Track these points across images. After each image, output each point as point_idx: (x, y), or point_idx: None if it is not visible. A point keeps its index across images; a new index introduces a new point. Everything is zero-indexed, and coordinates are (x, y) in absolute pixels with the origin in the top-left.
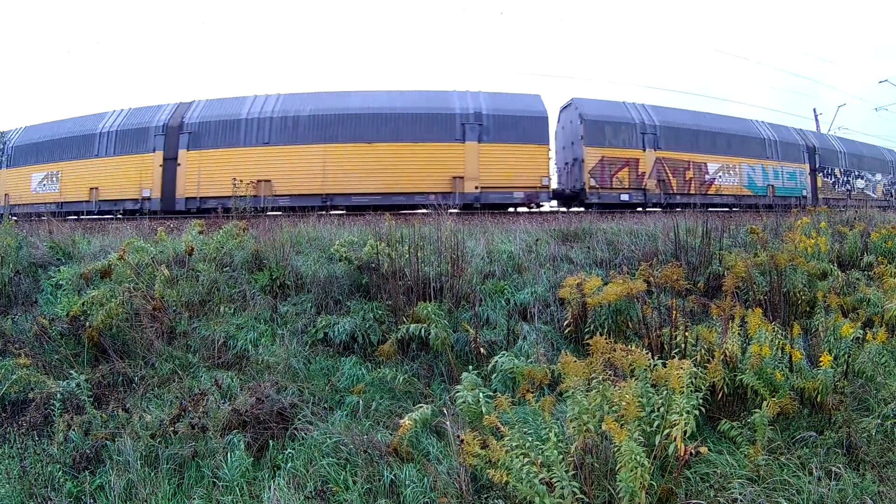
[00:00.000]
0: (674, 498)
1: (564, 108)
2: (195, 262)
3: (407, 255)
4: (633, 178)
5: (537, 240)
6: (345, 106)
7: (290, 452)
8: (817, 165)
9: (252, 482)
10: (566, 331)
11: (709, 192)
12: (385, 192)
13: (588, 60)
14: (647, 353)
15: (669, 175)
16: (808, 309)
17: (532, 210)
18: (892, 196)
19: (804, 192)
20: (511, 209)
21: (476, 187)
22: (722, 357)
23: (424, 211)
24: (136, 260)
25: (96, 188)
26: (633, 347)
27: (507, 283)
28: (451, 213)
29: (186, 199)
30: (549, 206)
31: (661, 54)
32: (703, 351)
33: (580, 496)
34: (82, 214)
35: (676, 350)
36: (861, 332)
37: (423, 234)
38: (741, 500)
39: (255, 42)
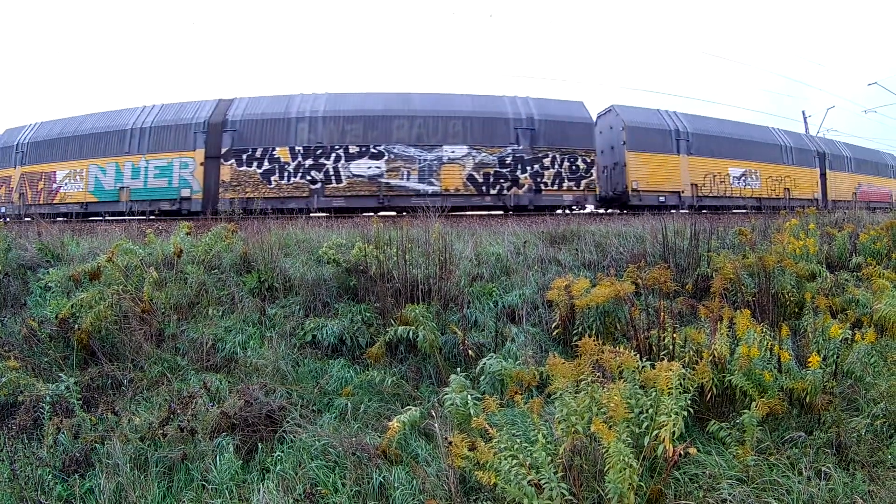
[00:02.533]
0: (663, 499)
1: None
2: (184, 265)
3: (395, 258)
4: (5, 193)
5: (525, 242)
6: None
7: (278, 455)
8: (226, 149)
9: (241, 485)
10: (554, 333)
11: (55, 202)
12: None
13: (577, 63)
14: (635, 355)
15: (28, 188)
16: (796, 310)
17: None
18: (506, 186)
19: (186, 193)
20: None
21: None
22: (710, 358)
23: None
24: (125, 262)
25: None
26: (622, 349)
27: (495, 285)
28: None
29: None
30: None
31: (650, 57)
32: (691, 352)
33: (569, 497)
34: None
35: (665, 352)
36: (850, 332)
37: (412, 236)
38: (730, 501)
39: (247, 42)
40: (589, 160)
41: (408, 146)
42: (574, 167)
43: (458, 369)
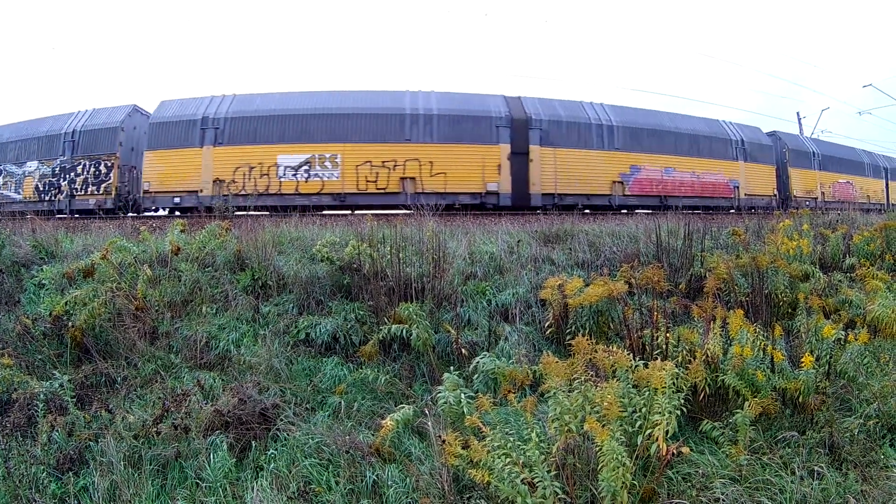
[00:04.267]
0: (656, 498)
1: None
2: (178, 262)
3: (389, 256)
4: None
5: (519, 241)
6: None
7: (272, 453)
8: None
9: (235, 483)
10: (548, 332)
11: None
12: None
13: (572, 63)
14: (628, 354)
15: None
16: (789, 310)
17: None
18: (54, 193)
19: None
20: None
21: None
22: (703, 358)
23: None
24: (119, 259)
25: None
26: (615, 348)
27: (488, 284)
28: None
29: None
30: None
31: (645, 57)
32: (684, 352)
33: (562, 496)
34: None
35: (658, 351)
36: (843, 333)
37: (405, 234)
38: (723, 500)
39: (240, 40)
40: (110, 164)
41: (11, 164)
42: (98, 172)
43: (452, 368)
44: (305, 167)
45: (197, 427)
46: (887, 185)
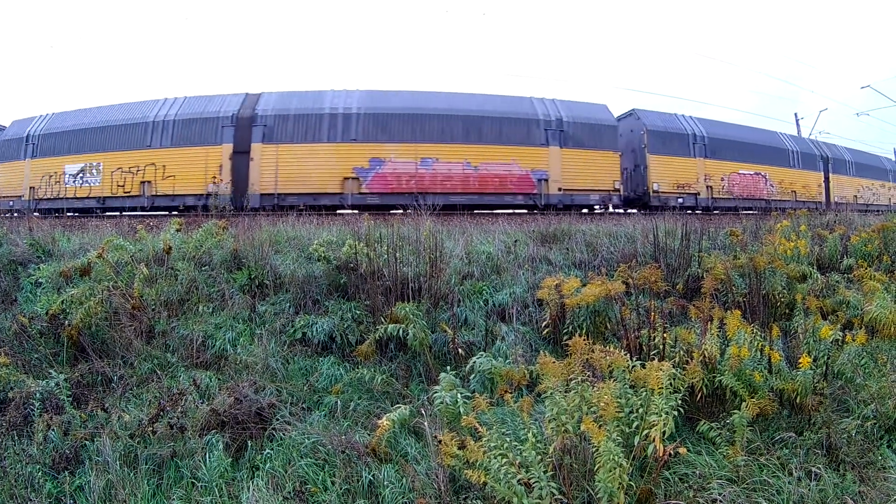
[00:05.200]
0: (653, 498)
1: None
2: (174, 261)
3: (386, 256)
4: None
5: (516, 241)
6: None
7: (268, 453)
8: None
9: (231, 483)
10: (544, 332)
11: None
12: None
13: (571, 62)
14: (625, 355)
15: None
16: (787, 311)
17: None
18: None
19: None
20: None
21: None
22: (701, 358)
23: None
24: (116, 258)
25: None
26: (612, 348)
27: (485, 283)
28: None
29: None
30: None
31: (643, 57)
32: (681, 352)
33: (558, 497)
34: None
35: (655, 351)
36: (840, 334)
37: (402, 234)
38: (721, 501)
39: (238, 39)
40: None
41: None
42: None
43: (448, 368)
44: (81, 175)
45: (193, 426)
46: (827, 178)
